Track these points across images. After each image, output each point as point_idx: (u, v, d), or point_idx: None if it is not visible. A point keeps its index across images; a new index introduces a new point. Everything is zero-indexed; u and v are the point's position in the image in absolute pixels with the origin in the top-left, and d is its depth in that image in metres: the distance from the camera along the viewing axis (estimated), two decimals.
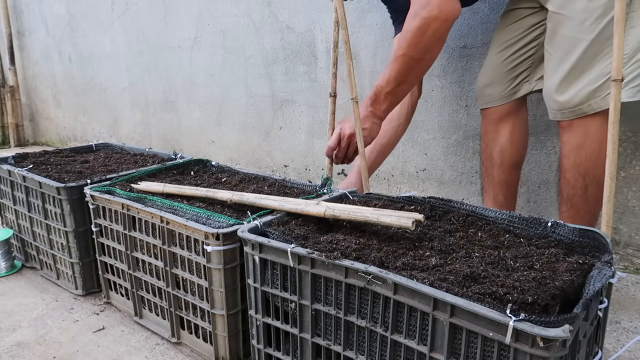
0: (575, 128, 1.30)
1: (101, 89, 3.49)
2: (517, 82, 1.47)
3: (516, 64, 1.45)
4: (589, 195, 1.32)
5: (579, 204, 1.34)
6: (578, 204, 1.34)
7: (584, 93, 1.25)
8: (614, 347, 1.21)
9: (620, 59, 1.11)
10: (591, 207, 1.33)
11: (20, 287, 1.61)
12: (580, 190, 1.32)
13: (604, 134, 1.23)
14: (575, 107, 1.28)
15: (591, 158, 1.29)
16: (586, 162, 1.30)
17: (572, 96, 1.27)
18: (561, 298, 0.78)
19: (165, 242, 1.20)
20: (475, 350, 0.73)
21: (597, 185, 1.29)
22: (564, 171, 1.35)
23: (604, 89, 1.24)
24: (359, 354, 0.89)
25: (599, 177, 1.27)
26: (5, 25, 3.92)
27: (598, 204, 1.28)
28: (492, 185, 1.56)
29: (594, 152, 1.29)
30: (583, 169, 1.30)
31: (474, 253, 0.92)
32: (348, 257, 0.89)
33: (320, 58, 2.24)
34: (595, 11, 1.21)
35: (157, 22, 2.95)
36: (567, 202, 1.36)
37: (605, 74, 1.22)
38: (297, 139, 2.44)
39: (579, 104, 1.27)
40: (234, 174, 1.57)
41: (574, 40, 1.25)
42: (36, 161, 1.77)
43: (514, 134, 1.50)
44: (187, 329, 1.25)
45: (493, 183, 1.55)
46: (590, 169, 1.30)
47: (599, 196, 1.26)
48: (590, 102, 1.26)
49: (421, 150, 2.02)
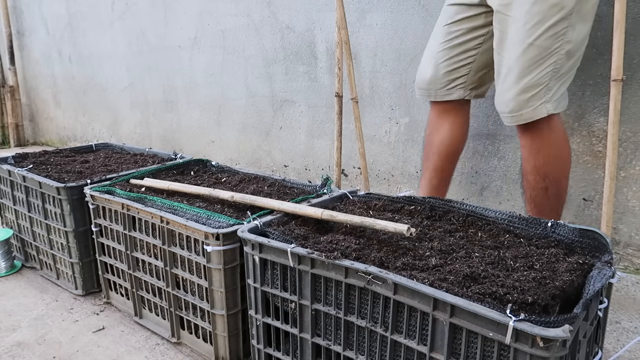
0: (531, 134, 1.33)
1: (101, 89, 3.49)
2: (452, 86, 1.49)
3: (454, 68, 1.47)
4: (550, 195, 1.37)
5: (542, 203, 1.39)
6: (541, 204, 1.39)
7: (519, 100, 1.28)
8: (614, 347, 1.21)
9: (620, 59, 1.12)
10: (553, 205, 1.39)
11: (20, 287, 1.61)
12: (542, 191, 1.37)
13: (559, 137, 1.32)
14: (512, 114, 1.30)
15: (550, 162, 1.33)
16: (545, 166, 1.34)
17: (509, 101, 1.30)
18: (561, 298, 0.78)
19: (165, 242, 1.20)
20: (475, 350, 0.73)
21: (556, 186, 1.36)
22: (526, 174, 1.39)
23: (535, 100, 1.26)
24: (359, 354, 0.89)
25: (557, 178, 1.35)
26: (5, 25, 3.92)
27: (559, 202, 1.39)
28: (429, 169, 1.61)
29: (550, 156, 1.33)
30: (542, 171, 1.35)
31: (474, 253, 0.92)
32: (348, 257, 0.89)
33: (320, 58, 2.24)
34: (538, 15, 1.21)
35: (157, 22, 2.95)
36: (530, 202, 1.41)
37: (539, 85, 1.24)
38: (297, 139, 2.44)
39: (514, 110, 1.30)
40: (234, 174, 1.57)
41: (517, 43, 1.26)
42: (36, 161, 1.77)
43: (454, 128, 1.56)
44: (187, 329, 1.25)
45: (430, 167, 1.61)
46: (549, 172, 1.34)
47: (559, 195, 1.37)
48: (522, 111, 1.28)
49: (421, 150, 2.02)
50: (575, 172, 1.66)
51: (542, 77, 1.24)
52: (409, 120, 2.01)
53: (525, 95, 1.26)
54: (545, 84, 1.25)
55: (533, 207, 1.41)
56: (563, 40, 1.22)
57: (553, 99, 1.27)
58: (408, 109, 2.00)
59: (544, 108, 1.27)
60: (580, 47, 1.27)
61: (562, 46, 1.22)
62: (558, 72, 1.25)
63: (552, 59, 1.23)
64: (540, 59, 1.23)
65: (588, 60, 1.57)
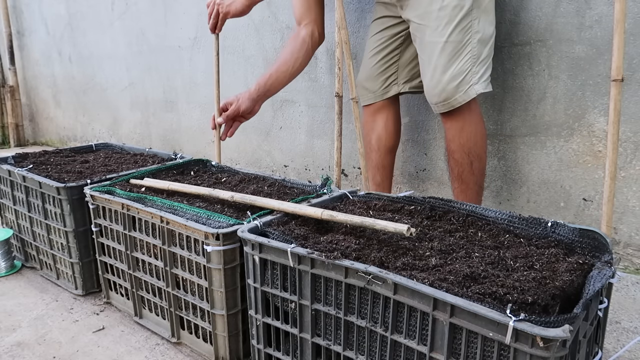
0: (455, 116, 1.53)
1: (101, 89, 3.49)
2: (387, 84, 1.73)
3: (384, 68, 1.71)
4: (475, 169, 1.56)
5: (468, 178, 1.57)
6: (467, 179, 1.58)
7: (450, 89, 1.48)
8: (614, 347, 1.21)
9: (620, 59, 1.12)
10: (477, 179, 1.58)
11: (20, 287, 1.61)
12: (468, 167, 1.56)
13: (476, 117, 1.54)
14: (446, 102, 1.50)
15: (471, 138, 1.54)
16: (468, 142, 1.54)
17: (441, 91, 1.49)
18: (561, 298, 0.78)
19: (165, 242, 1.20)
20: (475, 350, 0.73)
21: (479, 160, 1.56)
22: (452, 152, 1.58)
23: (464, 84, 1.47)
24: (359, 354, 0.89)
25: (479, 153, 1.56)
26: (5, 25, 3.92)
27: (482, 176, 1.60)
28: (371, 168, 1.81)
29: (471, 133, 1.53)
30: (467, 148, 1.54)
31: (474, 253, 0.92)
32: (348, 257, 0.89)
33: (320, 58, 2.24)
34: (445, 18, 1.44)
35: (157, 22, 2.95)
36: (457, 178, 1.59)
37: (463, 72, 1.47)
38: (297, 139, 2.44)
39: (447, 98, 1.49)
40: (234, 174, 1.57)
41: (434, 44, 1.48)
42: (36, 161, 1.77)
43: (388, 124, 1.77)
44: (187, 329, 1.25)
45: (372, 166, 1.81)
46: (472, 147, 1.54)
47: (482, 169, 1.59)
48: (455, 96, 1.48)
49: (421, 150, 2.02)
50: (575, 172, 1.66)
51: (464, 65, 1.46)
52: (409, 120, 2.01)
53: (453, 83, 1.47)
54: (469, 70, 1.47)
55: (461, 184, 1.59)
56: (472, 32, 1.45)
57: (480, 81, 1.48)
58: (408, 109, 2.00)
59: (473, 90, 1.48)
60: (490, 33, 1.49)
61: (472, 37, 1.45)
62: (478, 58, 1.47)
63: (468, 48, 1.46)
64: (458, 51, 1.46)
65: (588, 60, 1.57)
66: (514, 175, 1.80)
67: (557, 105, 1.66)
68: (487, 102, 1.80)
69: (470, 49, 1.46)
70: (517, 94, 1.73)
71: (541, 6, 1.63)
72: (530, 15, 1.65)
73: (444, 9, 1.43)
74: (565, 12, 1.59)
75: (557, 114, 1.66)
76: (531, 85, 1.70)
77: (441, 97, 1.50)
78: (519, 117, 1.74)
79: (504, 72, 1.74)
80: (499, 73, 1.75)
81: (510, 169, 1.80)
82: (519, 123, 1.74)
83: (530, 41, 1.67)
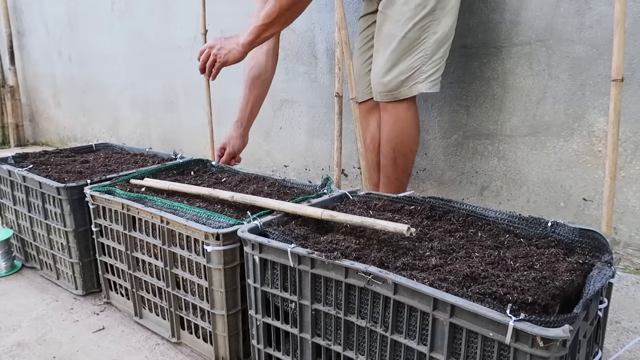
0: (390, 110, 1.57)
1: (101, 89, 3.49)
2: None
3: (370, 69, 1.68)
4: (398, 165, 1.61)
5: (389, 172, 1.63)
6: (389, 172, 1.63)
7: (396, 82, 1.52)
8: (614, 347, 1.21)
9: (620, 59, 1.12)
10: (399, 174, 1.63)
11: (20, 287, 1.61)
12: (391, 161, 1.61)
13: (410, 116, 1.58)
14: (389, 92, 1.54)
15: (399, 135, 1.58)
16: (396, 138, 1.58)
17: (388, 82, 1.53)
18: (561, 298, 0.78)
19: (165, 242, 1.20)
20: (475, 350, 0.73)
21: (404, 158, 1.60)
22: (381, 144, 1.63)
23: (410, 81, 1.51)
24: (359, 354, 0.89)
25: (405, 151, 1.60)
26: (5, 25, 3.92)
27: (405, 173, 1.64)
28: (368, 168, 1.80)
29: (401, 130, 1.58)
30: (393, 143, 1.59)
31: (474, 253, 0.92)
32: (348, 257, 0.89)
33: (320, 58, 2.24)
34: (407, 13, 1.47)
35: (157, 22, 2.95)
36: (382, 170, 1.65)
37: (412, 68, 1.51)
38: (297, 139, 2.44)
39: (392, 89, 1.54)
40: (234, 174, 1.57)
41: (392, 35, 1.51)
42: (36, 161, 1.77)
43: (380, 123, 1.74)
44: (187, 329, 1.25)
45: (369, 166, 1.80)
46: (399, 144, 1.58)
47: (405, 167, 1.63)
48: (400, 89, 1.53)
49: (421, 150, 2.02)
50: (575, 172, 1.66)
51: (414, 62, 1.50)
52: None
53: (401, 77, 1.51)
54: (418, 68, 1.51)
55: (383, 175, 1.66)
56: (429, 32, 1.48)
57: (426, 81, 1.52)
58: None
59: (416, 88, 1.52)
60: (448, 36, 1.51)
61: (429, 36, 1.49)
62: (430, 58, 1.50)
63: (422, 47, 1.49)
64: (412, 48, 1.49)
65: (588, 60, 1.57)
66: (514, 175, 1.80)
67: (557, 105, 1.66)
68: (487, 102, 1.80)
69: (423, 47, 1.49)
70: (517, 94, 1.73)
71: (541, 6, 1.63)
72: (530, 15, 1.65)
73: (407, 4, 1.46)
74: (565, 12, 1.59)
75: (557, 114, 1.66)
76: (531, 85, 1.70)
77: (386, 88, 1.54)
78: (519, 117, 1.74)
79: (504, 72, 1.74)
80: (499, 73, 1.75)
81: (510, 169, 1.80)
82: (519, 123, 1.74)
83: (530, 41, 1.67)
